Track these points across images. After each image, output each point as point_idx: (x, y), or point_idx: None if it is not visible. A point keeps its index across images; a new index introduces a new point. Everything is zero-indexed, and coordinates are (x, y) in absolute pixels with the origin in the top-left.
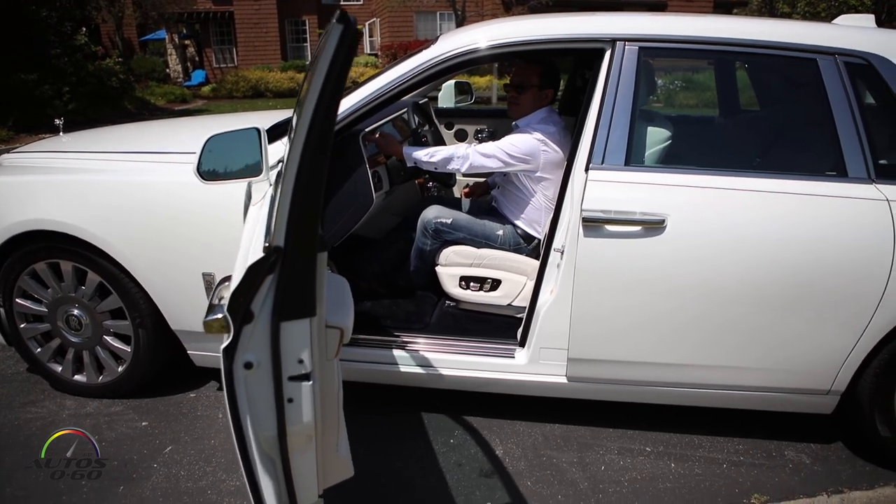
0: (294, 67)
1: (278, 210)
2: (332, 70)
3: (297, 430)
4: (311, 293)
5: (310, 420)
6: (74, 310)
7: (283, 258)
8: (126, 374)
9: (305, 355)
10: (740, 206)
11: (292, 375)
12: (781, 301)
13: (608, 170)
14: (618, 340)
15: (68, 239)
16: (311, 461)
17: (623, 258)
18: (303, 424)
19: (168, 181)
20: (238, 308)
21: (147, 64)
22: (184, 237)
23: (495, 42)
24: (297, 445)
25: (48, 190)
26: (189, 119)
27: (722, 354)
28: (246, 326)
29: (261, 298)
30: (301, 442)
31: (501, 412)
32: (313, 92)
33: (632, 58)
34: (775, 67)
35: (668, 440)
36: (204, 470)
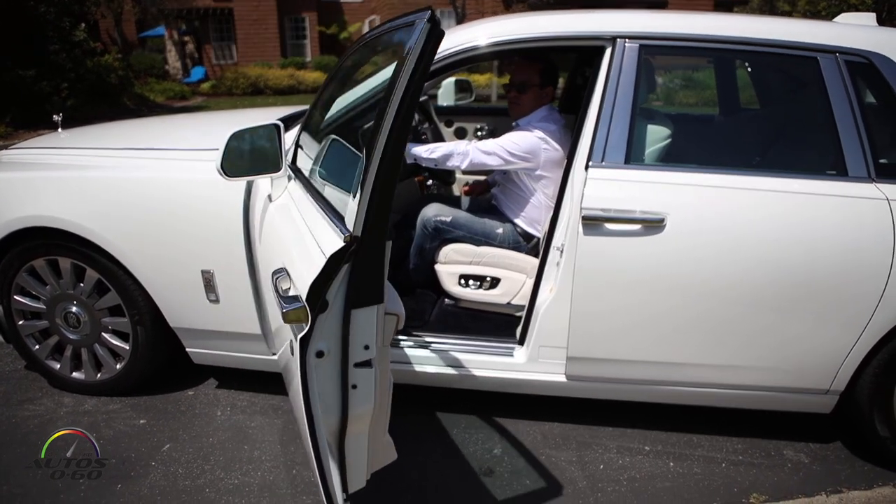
0: (293, 64)
1: (360, 201)
2: (418, 67)
3: (358, 415)
4: (380, 281)
5: (370, 406)
6: (73, 307)
7: (360, 247)
8: (124, 371)
9: (371, 341)
10: (740, 205)
11: (358, 362)
12: (781, 300)
13: (608, 168)
14: (617, 339)
15: (67, 235)
16: (363, 446)
17: (623, 257)
18: (364, 410)
19: (167, 178)
20: (317, 297)
21: (146, 60)
22: (183, 234)
23: (495, 39)
24: (355, 431)
25: (47, 186)
26: (188, 115)
27: (721, 353)
28: (320, 315)
29: (335, 287)
30: (359, 427)
31: (500, 410)
32: (399, 88)
33: (632, 55)
34: (776, 66)
35: (666, 439)
36: (202, 468)
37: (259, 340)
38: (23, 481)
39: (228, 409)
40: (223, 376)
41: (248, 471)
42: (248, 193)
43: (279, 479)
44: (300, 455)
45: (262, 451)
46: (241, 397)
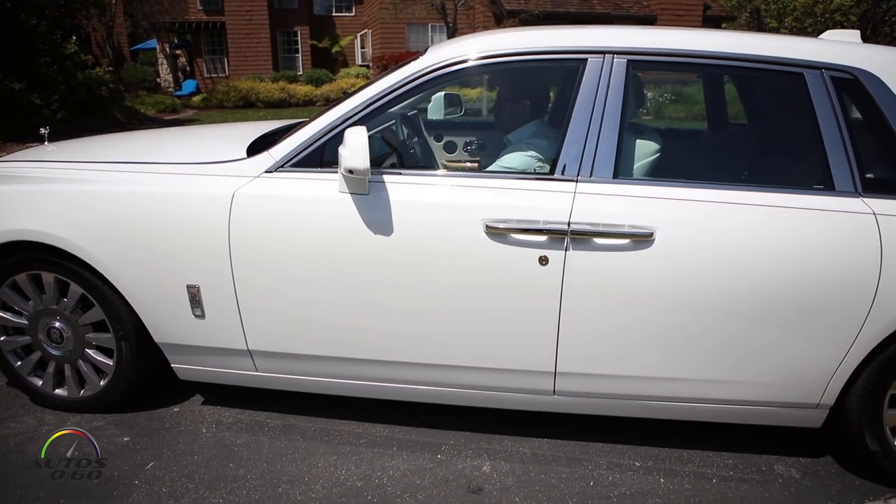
0: (285, 78)
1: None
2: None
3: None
4: None
5: None
6: (56, 322)
7: None
8: (108, 387)
9: None
10: (729, 220)
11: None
12: (769, 314)
13: (596, 182)
14: (605, 354)
15: (51, 250)
16: None
17: (611, 271)
18: None
19: (153, 192)
20: None
21: (137, 73)
22: (168, 248)
23: (485, 53)
24: None
25: (31, 200)
26: (176, 129)
27: (709, 368)
28: None
29: None
30: None
31: (488, 426)
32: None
33: (620, 70)
34: (763, 81)
35: (657, 455)
36: (186, 487)
37: (245, 356)
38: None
39: (214, 426)
40: (209, 392)
41: (234, 489)
42: (232, 208)
43: (265, 497)
44: (286, 474)
45: (247, 469)
46: (227, 414)
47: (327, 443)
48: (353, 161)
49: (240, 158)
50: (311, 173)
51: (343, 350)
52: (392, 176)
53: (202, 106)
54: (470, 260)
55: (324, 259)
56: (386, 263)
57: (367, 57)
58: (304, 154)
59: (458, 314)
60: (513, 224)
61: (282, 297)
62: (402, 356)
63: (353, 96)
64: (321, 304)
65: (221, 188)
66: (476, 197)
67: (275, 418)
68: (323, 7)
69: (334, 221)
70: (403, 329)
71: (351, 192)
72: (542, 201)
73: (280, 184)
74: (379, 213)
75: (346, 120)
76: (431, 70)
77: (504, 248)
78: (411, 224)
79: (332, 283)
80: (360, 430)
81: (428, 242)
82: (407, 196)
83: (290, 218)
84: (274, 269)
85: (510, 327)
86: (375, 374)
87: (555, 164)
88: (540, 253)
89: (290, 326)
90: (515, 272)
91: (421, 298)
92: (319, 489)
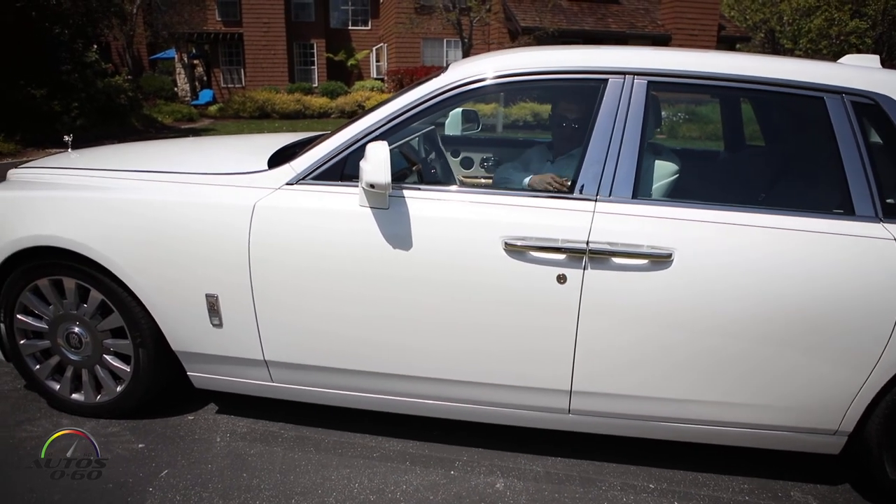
0: (301, 90)
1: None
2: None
3: None
4: None
5: None
6: (75, 327)
7: None
8: (124, 394)
9: None
10: (748, 242)
11: None
12: (787, 338)
13: (616, 202)
14: (622, 373)
15: (72, 256)
16: None
17: (629, 291)
18: None
19: (175, 201)
20: None
21: (156, 82)
22: (188, 257)
23: (503, 72)
24: None
25: (55, 206)
26: (197, 139)
27: (726, 391)
28: None
29: None
30: None
31: (501, 443)
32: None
33: (640, 91)
34: (782, 104)
35: (671, 477)
36: (200, 496)
37: (261, 366)
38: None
39: (228, 435)
40: (223, 401)
41: (247, 499)
42: (252, 219)
43: None
44: (299, 485)
45: (260, 479)
46: (241, 423)
47: (340, 455)
48: (374, 175)
49: (261, 170)
50: (331, 186)
51: (359, 363)
52: (412, 191)
53: (218, 116)
54: (488, 276)
55: (342, 272)
56: (404, 278)
57: (382, 70)
58: (325, 167)
59: (476, 330)
60: (532, 242)
61: (299, 309)
62: (419, 371)
63: (375, 111)
64: (338, 316)
65: (243, 199)
66: (495, 214)
67: (288, 429)
68: (339, 20)
69: (354, 235)
70: (420, 344)
71: (371, 206)
72: (561, 220)
73: (301, 196)
74: (398, 228)
75: (367, 134)
76: (454, 87)
77: (522, 265)
78: (430, 239)
79: (350, 296)
80: (373, 444)
81: (446, 258)
82: (427, 211)
83: (309, 230)
84: (292, 281)
85: (527, 344)
86: (391, 387)
87: (574, 183)
88: (558, 271)
89: (307, 338)
90: (533, 290)
91: (438, 314)
92: (332, 501)
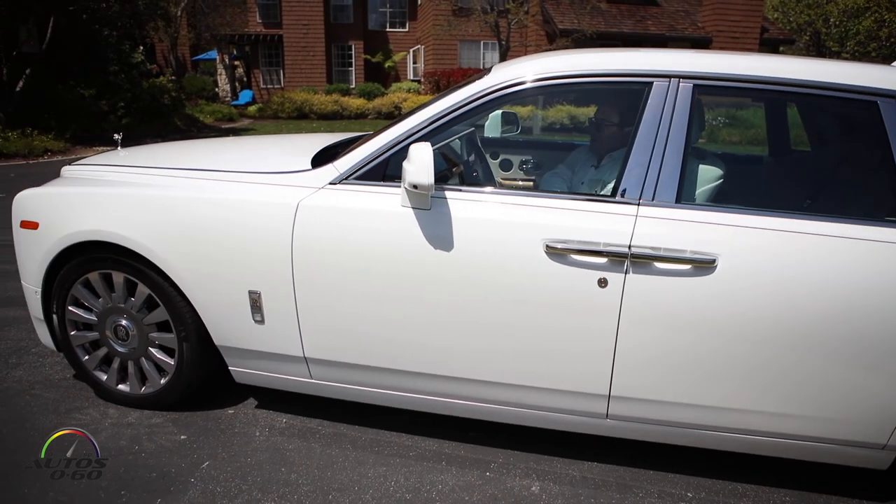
0: (338, 91)
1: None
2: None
3: None
4: None
5: None
6: (123, 320)
7: None
8: (168, 386)
9: None
10: (795, 249)
11: None
12: (832, 348)
13: (659, 206)
14: (661, 379)
15: (122, 250)
16: None
17: (671, 296)
18: None
19: (221, 199)
20: None
21: (197, 83)
22: (233, 254)
23: (548, 75)
24: None
25: (106, 202)
26: (241, 138)
27: (769, 400)
28: None
29: None
30: None
31: (537, 446)
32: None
33: (686, 95)
34: (832, 108)
35: (710, 486)
36: (240, 487)
37: (300, 363)
38: (68, 489)
39: (267, 429)
40: (263, 396)
41: (285, 493)
42: (296, 218)
43: (316, 503)
44: (337, 481)
45: (298, 474)
46: (280, 419)
47: (377, 453)
48: (418, 176)
49: (305, 169)
50: (374, 187)
51: (398, 362)
52: (453, 192)
53: (257, 116)
54: (529, 279)
55: (384, 271)
56: (445, 278)
57: (418, 72)
58: (368, 167)
59: (515, 332)
60: (573, 245)
61: (340, 307)
62: (458, 371)
63: (418, 113)
64: (378, 315)
65: (287, 198)
66: (537, 216)
67: (326, 426)
68: (377, 22)
69: (395, 235)
70: (459, 344)
71: (413, 206)
72: (604, 223)
73: (344, 196)
74: (440, 229)
75: (410, 136)
76: (498, 89)
77: (563, 268)
78: (472, 240)
79: (391, 295)
80: (409, 443)
81: (487, 259)
82: (468, 212)
83: (352, 230)
84: (334, 279)
85: (566, 348)
86: (428, 387)
87: (616, 187)
88: (599, 275)
89: (347, 336)
90: (574, 293)
91: (478, 315)
92: (369, 498)
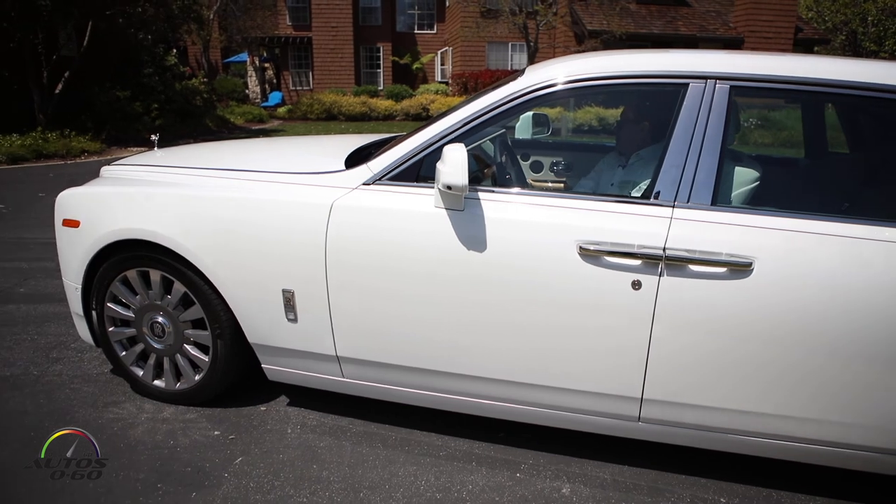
0: (367, 92)
1: None
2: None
3: None
4: None
5: None
6: (159, 317)
7: None
8: (202, 382)
9: None
10: (833, 252)
11: None
12: (872, 353)
13: (694, 208)
14: (694, 383)
15: (159, 249)
16: None
17: (706, 299)
18: None
19: (256, 199)
20: None
21: (228, 84)
22: (267, 253)
23: (582, 76)
24: None
25: (144, 201)
26: (274, 139)
27: (806, 406)
28: None
29: None
30: None
31: (567, 448)
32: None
33: (722, 96)
34: (873, 110)
35: (744, 492)
36: (272, 484)
37: (332, 361)
38: (105, 482)
39: (299, 427)
40: (294, 394)
41: (317, 490)
42: (330, 218)
43: (347, 501)
44: (367, 480)
45: (330, 471)
46: (311, 416)
47: (407, 452)
48: (452, 177)
49: (339, 170)
50: (407, 187)
51: (429, 363)
52: (486, 193)
53: (287, 117)
54: (562, 280)
55: (417, 272)
56: (477, 279)
57: (446, 74)
58: (401, 168)
59: (547, 333)
60: (607, 246)
61: (372, 306)
62: (489, 372)
63: (451, 114)
64: (410, 315)
65: (321, 198)
66: (570, 217)
67: (357, 424)
68: (405, 24)
69: (428, 236)
70: (491, 345)
71: (446, 207)
72: (638, 225)
73: (377, 196)
74: (473, 230)
75: (444, 137)
76: (531, 90)
77: (597, 270)
78: (505, 241)
79: (424, 295)
80: (439, 443)
81: (520, 260)
82: (501, 214)
83: (385, 230)
84: (367, 279)
85: (598, 350)
86: (459, 388)
87: (650, 188)
88: (633, 277)
89: (379, 335)
90: (607, 295)
91: (510, 315)
92: (399, 497)
